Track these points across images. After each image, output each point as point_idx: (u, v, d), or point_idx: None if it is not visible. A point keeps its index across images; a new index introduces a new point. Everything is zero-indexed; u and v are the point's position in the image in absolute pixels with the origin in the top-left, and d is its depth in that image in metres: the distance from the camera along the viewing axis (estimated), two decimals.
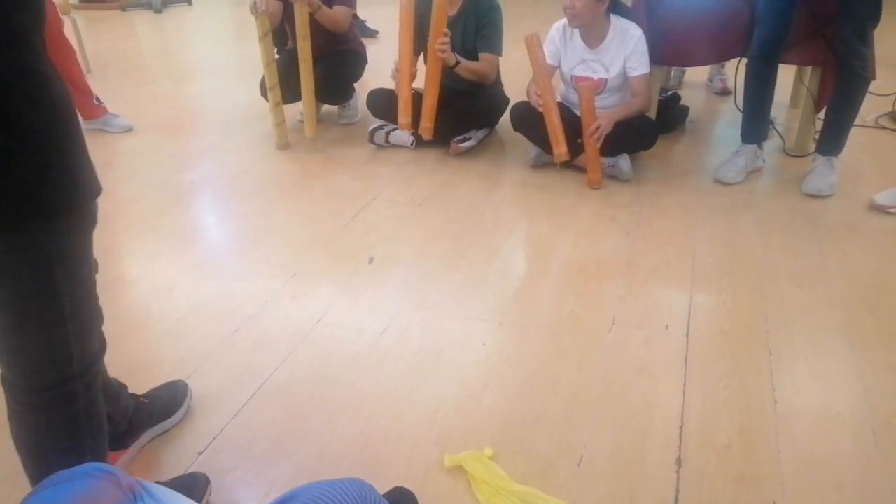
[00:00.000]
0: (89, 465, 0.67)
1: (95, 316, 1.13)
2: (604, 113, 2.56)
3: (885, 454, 1.46)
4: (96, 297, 1.13)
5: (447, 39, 2.71)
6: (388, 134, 3.05)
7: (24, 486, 1.11)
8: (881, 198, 2.44)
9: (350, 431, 1.53)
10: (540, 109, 2.61)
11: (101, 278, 1.14)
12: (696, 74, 3.84)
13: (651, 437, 1.51)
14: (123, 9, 6.29)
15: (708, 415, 1.57)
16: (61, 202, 0.99)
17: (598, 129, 2.52)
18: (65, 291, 1.02)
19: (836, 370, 1.71)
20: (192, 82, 4.02)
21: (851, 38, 2.36)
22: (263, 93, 3.17)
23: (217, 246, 2.38)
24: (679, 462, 1.44)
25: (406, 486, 1.32)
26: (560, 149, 2.62)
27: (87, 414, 1.11)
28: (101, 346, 1.18)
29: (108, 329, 1.20)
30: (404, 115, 2.84)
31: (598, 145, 2.56)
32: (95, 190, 1.06)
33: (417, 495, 1.30)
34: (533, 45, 2.59)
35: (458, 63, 2.77)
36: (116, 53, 4.54)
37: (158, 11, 6.34)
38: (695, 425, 1.54)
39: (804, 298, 1.98)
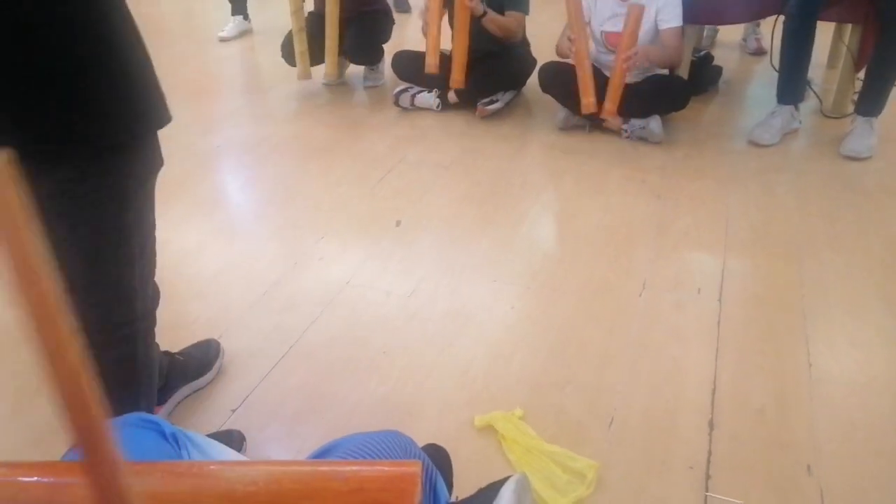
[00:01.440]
0: (134, 416, 0.67)
1: (154, 261, 1.16)
2: (641, 47, 2.47)
3: None
4: (155, 240, 1.16)
5: None
6: (413, 96, 3.01)
7: (52, 451, 1.14)
8: None
9: (380, 391, 1.54)
10: (571, 60, 2.54)
11: None
12: (730, 34, 3.72)
13: (683, 400, 1.50)
14: None
15: (741, 379, 1.55)
16: (143, 125, 1.02)
17: (634, 55, 2.43)
18: (135, 231, 1.05)
19: (874, 336, 1.67)
20: (214, 46, 3.99)
21: None
22: (285, 55, 3.15)
23: (244, 209, 2.38)
24: (711, 425, 1.43)
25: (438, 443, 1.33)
26: (588, 98, 2.55)
27: (144, 356, 1.14)
28: (157, 293, 1.21)
29: None
30: (432, 56, 2.77)
31: (628, 73, 2.48)
32: (167, 117, 1.07)
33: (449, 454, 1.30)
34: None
35: (485, 13, 2.70)
36: (137, 17, 4.52)
37: None
38: (727, 389, 1.52)
39: (841, 263, 1.94)
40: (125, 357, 1.12)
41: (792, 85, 2.61)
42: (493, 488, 0.98)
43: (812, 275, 1.89)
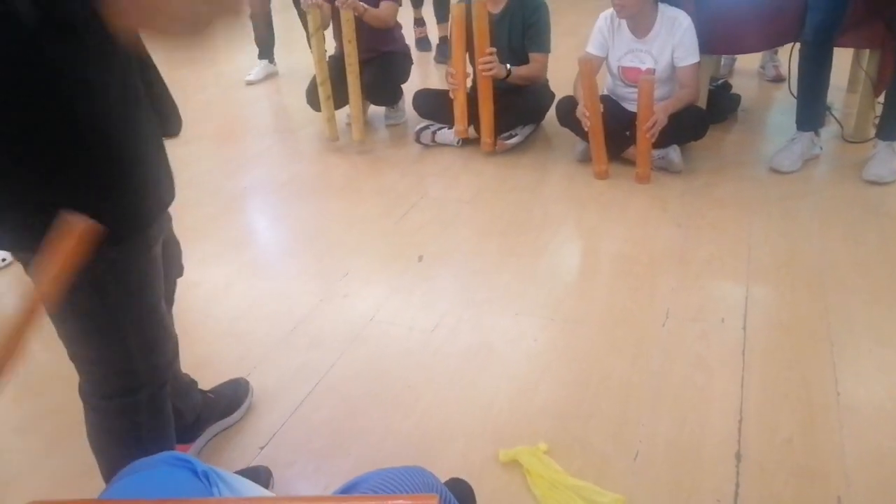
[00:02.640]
0: (167, 454, 0.70)
1: (162, 331, 1.15)
2: (658, 106, 2.51)
3: None
4: (162, 314, 1.15)
5: (491, 59, 2.73)
6: (433, 133, 3.07)
7: (86, 489, 1.17)
8: None
9: (405, 426, 1.56)
10: (586, 129, 2.62)
11: None
12: (748, 62, 3.74)
13: (709, 431, 1.49)
14: None
15: (768, 408, 1.54)
16: (127, 224, 1.00)
17: (654, 124, 2.48)
18: (124, 310, 1.05)
19: None
20: (241, 89, 4.12)
21: None
22: (310, 101, 3.22)
23: (270, 248, 2.44)
24: (738, 456, 1.42)
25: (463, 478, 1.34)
26: (601, 167, 2.65)
27: (150, 423, 1.16)
28: (171, 360, 1.21)
29: None
30: (461, 123, 2.90)
31: (653, 140, 2.53)
32: (166, 202, 1.08)
33: (473, 489, 1.31)
34: (586, 69, 2.56)
35: (509, 73, 2.79)
36: (166, 62, 4.70)
37: None
38: (754, 419, 1.51)
39: (866, 288, 1.92)
40: (130, 423, 1.14)
41: (810, 111, 2.61)
42: None
43: (837, 301, 1.87)
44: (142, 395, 1.13)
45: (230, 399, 1.61)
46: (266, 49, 4.29)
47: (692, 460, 1.42)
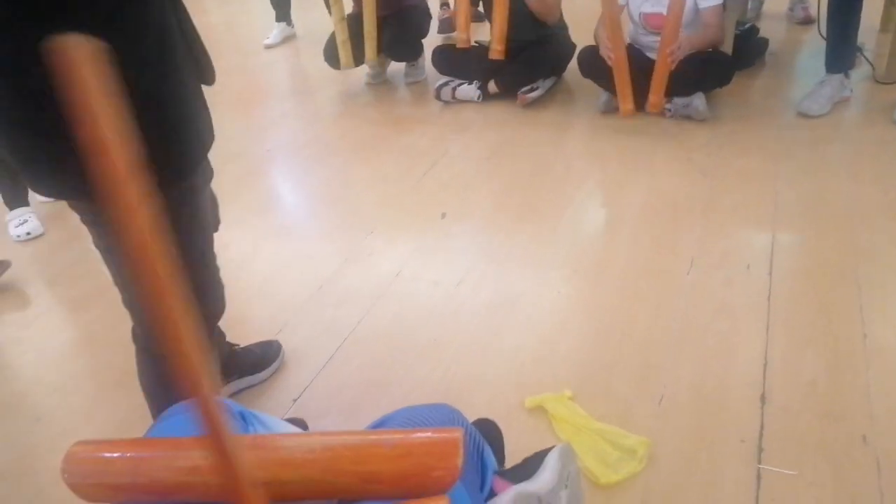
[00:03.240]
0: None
1: (214, 277, 1.23)
2: (683, 36, 2.45)
3: None
4: (213, 259, 1.22)
5: None
6: (454, 90, 3.05)
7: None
8: None
9: (432, 377, 1.60)
10: (610, 63, 2.56)
11: None
12: (776, 4, 3.62)
13: (733, 376, 1.50)
14: None
15: (793, 352, 1.54)
16: (177, 166, 1.04)
17: (677, 48, 2.42)
18: (181, 252, 1.11)
19: None
20: (260, 53, 4.12)
21: None
22: (328, 58, 3.23)
23: (296, 210, 2.47)
24: (763, 399, 1.43)
25: None
26: (626, 105, 2.58)
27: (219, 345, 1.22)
28: (221, 308, 1.29)
29: None
30: (463, 31, 2.83)
31: (673, 66, 2.47)
32: (208, 143, 1.12)
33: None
34: (608, 3, 2.50)
35: None
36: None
37: None
38: (779, 364, 1.52)
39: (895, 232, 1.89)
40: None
41: (840, 52, 2.54)
42: (539, 456, 1.02)
43: (865, 244, 1.85)
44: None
45: (258, 357, 1.66)
46: (283, 11, 4.26)
47: (717, 403, 1.44)
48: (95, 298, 1.99)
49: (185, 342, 0.50)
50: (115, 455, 0.68)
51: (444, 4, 4.03)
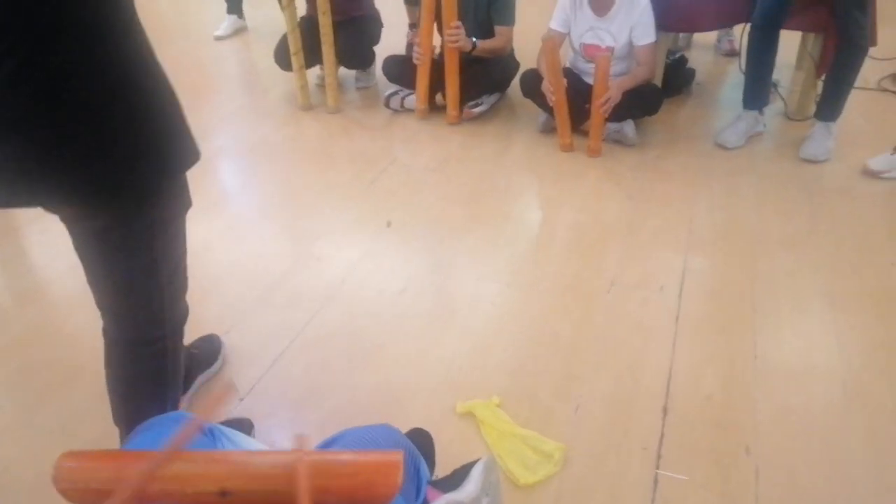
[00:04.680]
0: (176, 413, 0.85)
1: (184, 283, 1.31)
2: (614, 83, 2.66)
3: (851, 405, 1.63)
4: (186, 266, 1.29)
5: (457, 31, 2.82)
6: (403, 99, 3.17)
7: (76, 438, 1.31)
8: (874, 163, 2.55)
9: (373, 381, 1.73)
10: (550, 103, 2.75)
11: None
12: (705, 35, 3.88)
13: (641, 388, 1.69)
14: None
15: (694, 368, 1.75)
16: (168, 171, 1.09)
17: (608, 100, 2.62)
18: (163, 265, 1.18)
19: (815, 328, 1.87)
20: (210, 45, 4.12)
21: (851, 8, 2.44)
22: (279, 60, 3.27)
23: (246, 210, 2.54)
24: (665, 410, 1.63)
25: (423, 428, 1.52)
26: (565, 141, 2.79)
27: (172, 367, 1.31)
28: (187, 310, 1.36)
29: None
30: (422, 103, 3.04)
31: (607, 115, 2.68)
32: (194, 156, 1.14)
33: (433, 437, 1.50)
34: (549, 47, 2.66)
35: (474, 47, 2.88)
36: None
37: None
38: (681, 378, 1.72)
39: (792, 261, 2.13)
40: (157, 368, 1.29)
41: (756, 92, 2.79)
42: (466, 468, 1.17)
43: (764, 272, 2.09)
44: (168, 342, 1.27)
45: (209, 351, 1.76)
46: (234, 3, 4.27)
47: (625, 413, 1.63)
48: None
49: None
50: (98, 465, 0.77)
51: (413, 25, 4.13)
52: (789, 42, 2.88)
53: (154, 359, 1.28)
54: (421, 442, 1.26)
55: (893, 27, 3.86)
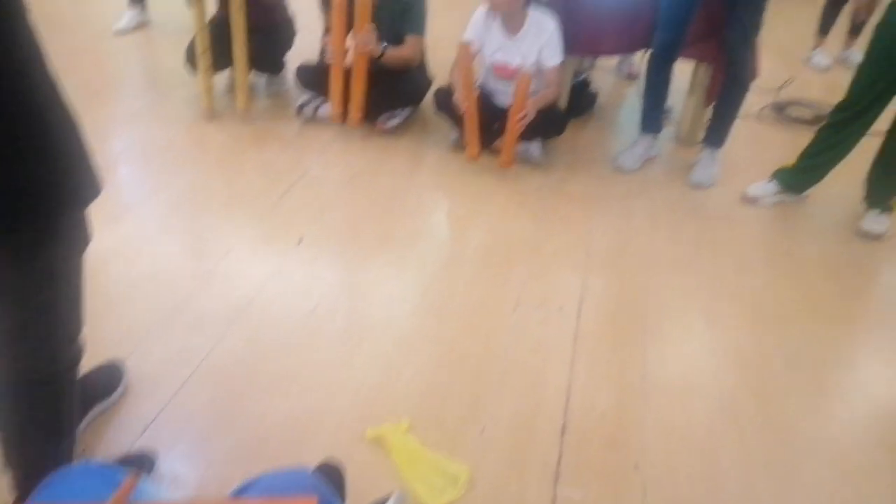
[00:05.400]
0: (92, 466, 0.84)
1: (82, 319, 1.27)
2: (530, 101, 2.75)
3: (726, 421, 1.80)
4: (82, 305, 1.25)
5: (368, 35, 2.83)
6: (316, 108, 3.15)
7: None
8: (752, 190, 2.79)
9: (282, 408, 1.74)
10: (461, 114, 2.82)
11: None
12: (607, 59, 4.08)
13: (542, 408, 1.80)
14: None
15: (589, 388, 1.87)
16: (66, 208, 1.06)
17: (524, 116, 2.72)
18: (59, 305, 1.14)
19: (696, 347, 2.04)
20: (110, 39, 3.92)
21: (737, 44, 2.65)
22: (189, 59, 3.17)
23: (149, 223, 2.46)
24: (563, 430, 1.74)
25: (334, 456, 1.55)
26: (472, 151, 2.87)
27: (68, 406, 1.27)
28: (84, 346, 1.32)
29: None
30: (337, 107, 3.02)
31: (521, 130, 2.78)
32: (96, 190, 1.11)
33: (343, 468, 1.53)
34: (463, 56, 2.73)
35: (383, 53, 2.90)
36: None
37: None
38: (578, 398, 1.83)
39: (678, 283, 2.31)
40: (53, 410, 1.25)
41: (651, 117, 2.98)
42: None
43: (653, 293, 2.25)
44: (65, 380, 1.23)
45: (107, 380, 1.70)
46: None
47: (527, 432, 1.72)
48: None
49: None
50: None
51: (328, 31, 4.08)
52: (684, 69, 3.09)
53: (50, 400, 1.24)
54: (332, 478, 1.29)
55: (774, 60, 4.22)
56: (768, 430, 1.77)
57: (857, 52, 4.12)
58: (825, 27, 4.35)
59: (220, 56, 3.08)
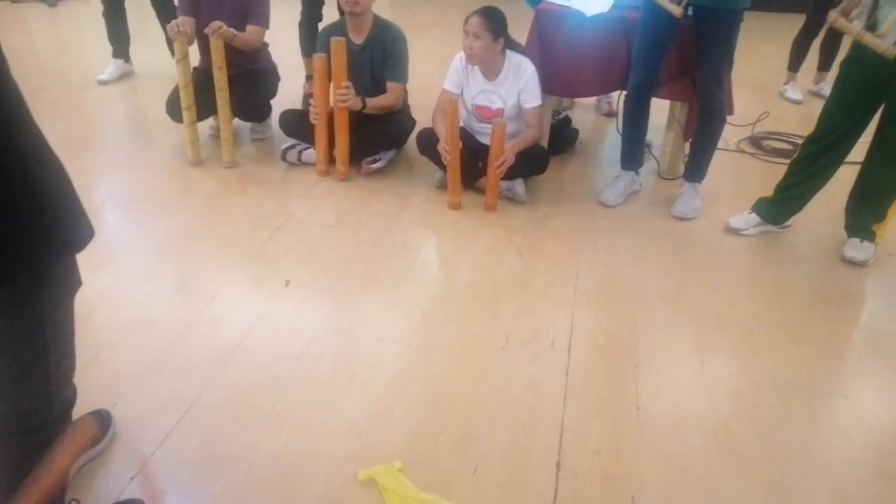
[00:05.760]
0: None
1: (73, 365, 1.26)
2: (507, 145, 2.79)
3: (721, 451, 1.79)
4: (74, 347, 1.24)
5: (346, 91, 2.90)
6: (300, 153, 3.18)
7: None
8: (734, 221, 2.83)
9: (272, 451, 1.71)
10: (445, 162, 2.85)
11: None
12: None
13: (536, 444, 1.78)
14: (13, 0, 5.98)
15: (583, 423, 1.85)
16: (56, 256, 1.06)
17: (503, 162, 2.76)
18: (51, 349, 1.13)
19: (688, 379, 2.04)
20: (93, 89, 3.96)
21: (709, 84, 2.72)
22: (170, 111, 3.20)
23: (135, 270, 2.44)
24: (558, 466, 1.71)
25: (324, 500, 1.51)
26: (454, 199, 2.90)
27: None
28: (75, 392, 1.30)
29: None
30: (321, 164, 3.09)
31: (501, 176, 2.82)
32: (86, 236, 1.11)
33: None
34: (448, 108, 2.78)
35: (364, 105, 2.96)
36: (7, 52, 4.37)
37: (53, 5, 6.08)
38: (572, 433, 1.82)
39: (668, 316, 2.31)
40: (42, 458, 1.22)
41: (631, 154, 3.04)
42: None
43: (643, 326, 2.25)
44: (57, 428, 1.21)
45: (95, 429, 1.67)
46: (121, 47, 4.14)
47: (521, 471, 1.70)
48: None
49: None
50: None
51: (310, 77, 4.15)
52: (661, 106, 3.16)
53: (40, 448, 1.21)
54: None
55: (747, 94, 4.34)
56: (766, 460, 1.76)
57: (827, 87, 4.25)
58: (795, 64, 4.49)
59: (204, 106, 3.11)
